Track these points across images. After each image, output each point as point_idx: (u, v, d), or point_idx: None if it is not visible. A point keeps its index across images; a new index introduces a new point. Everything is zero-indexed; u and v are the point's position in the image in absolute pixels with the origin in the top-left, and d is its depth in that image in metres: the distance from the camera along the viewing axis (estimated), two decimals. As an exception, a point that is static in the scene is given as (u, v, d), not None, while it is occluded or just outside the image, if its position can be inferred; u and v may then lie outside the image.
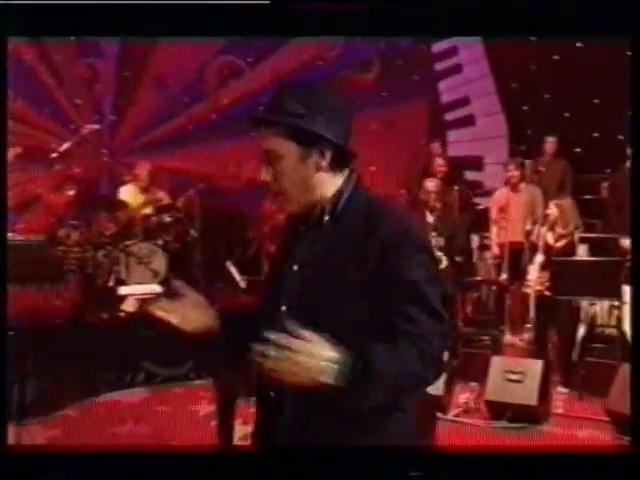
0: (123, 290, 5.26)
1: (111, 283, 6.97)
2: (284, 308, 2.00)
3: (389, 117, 9.61)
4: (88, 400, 6.10)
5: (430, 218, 6.58)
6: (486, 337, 6.82)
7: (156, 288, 5.08)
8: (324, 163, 1.97)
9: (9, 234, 7.56)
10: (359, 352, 1.80)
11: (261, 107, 7.34)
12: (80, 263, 7.10)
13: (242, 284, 5.97)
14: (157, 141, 9.43)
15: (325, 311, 1.92)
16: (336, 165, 1.99)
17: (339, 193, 2.01)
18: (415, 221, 1.87)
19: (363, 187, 2.07)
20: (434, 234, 6.47)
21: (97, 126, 7.81)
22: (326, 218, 2.01)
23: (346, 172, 2.03)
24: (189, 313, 2.12)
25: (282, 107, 1.96)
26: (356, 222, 1.97)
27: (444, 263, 6.42)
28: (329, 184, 2.01)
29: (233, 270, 5.89)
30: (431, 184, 6.74)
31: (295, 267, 2.02)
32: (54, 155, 7.18)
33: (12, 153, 6.79)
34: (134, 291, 5.08)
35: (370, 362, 1.79)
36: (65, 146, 7.17)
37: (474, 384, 6.16)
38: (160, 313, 2.09)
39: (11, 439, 5.12)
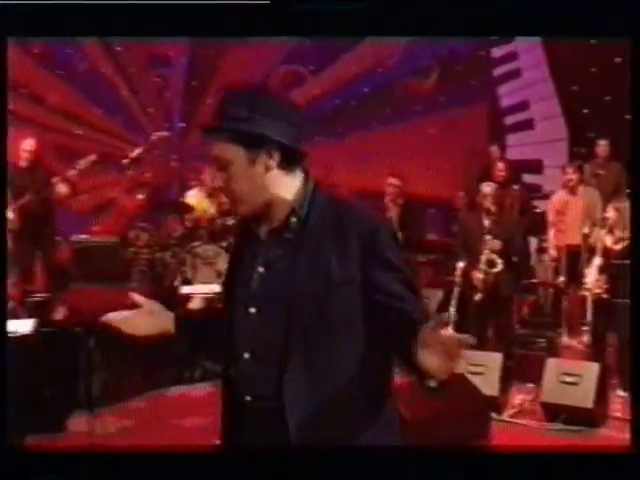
0: (185, 289, 5.42)
1: (177, 283, 7.19)
2: (253, 310, 2.01)
3: (448, 121, 9.57)
4: (158, 392, 6.27)
5: (486, 221, 6.55)
6: (542, 339, 6.75)
7: (217, 287, 5.22)
8: (272, 163, 1.96)
9: (84, 236, 7.95)
10: None
11: (326, 113, 7.42)
12: (149, 263, 7.35)
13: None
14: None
15: (306, 308, 1.94)
16: (287, 165, 1.99)
17: (302, 195, 2.01)
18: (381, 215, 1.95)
19: (322, 187, 2.07)
20: (490, 237, 6.45)
21: (166, 133, 8.06)
22: (293, 220, 2.00)
23: (300, 173, 2.03)
24: (141, 320, 2.15)
25: (226, 113, 1.98)
26: (326, 222, 1.98)
27: (500, 266, 6.39)
28: (281, 184, 2.00)
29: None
30: (487, 188, 6.70)
31: (261, 269, 2.01)
32: (126, 161, 7.43)
33: (88, 160, 7.08)
34: (196, 290, 5.24)
35: None
36: (136, 152, 7.42)
37: (531, 385, 6.12)
38: (113, 322, 2.14)
39: (84, 429, 5.36)
